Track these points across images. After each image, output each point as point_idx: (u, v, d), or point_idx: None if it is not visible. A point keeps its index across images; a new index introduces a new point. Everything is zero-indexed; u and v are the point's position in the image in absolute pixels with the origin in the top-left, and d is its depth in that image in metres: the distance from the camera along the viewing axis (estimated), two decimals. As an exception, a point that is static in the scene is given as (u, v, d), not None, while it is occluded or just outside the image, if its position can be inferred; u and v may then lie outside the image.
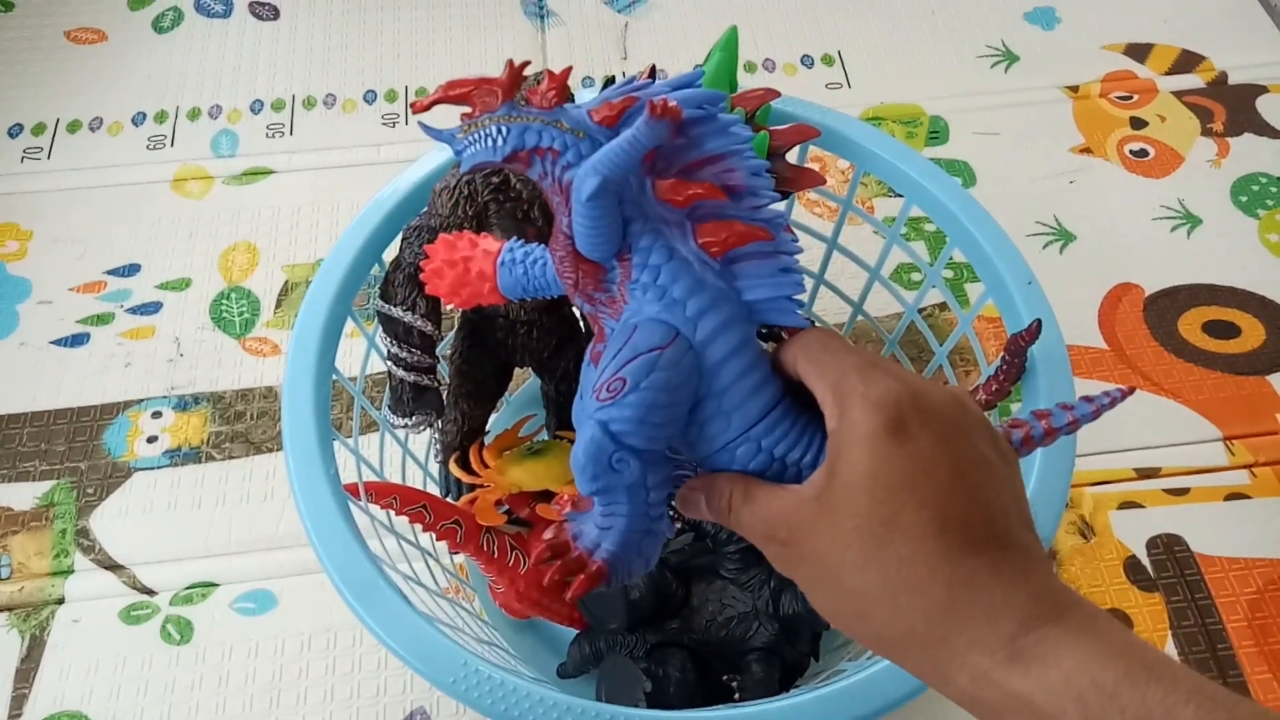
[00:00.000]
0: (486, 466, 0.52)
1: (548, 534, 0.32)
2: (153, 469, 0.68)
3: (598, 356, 0.32)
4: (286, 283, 0.78)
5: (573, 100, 0.31)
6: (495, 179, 0.45)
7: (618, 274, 0.30)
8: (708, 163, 0.29)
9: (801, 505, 0.29)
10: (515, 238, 0.37)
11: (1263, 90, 0.89)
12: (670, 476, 0.33)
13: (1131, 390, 0.37)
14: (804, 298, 0.62)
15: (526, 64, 0.30)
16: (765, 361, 0.31)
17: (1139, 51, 0.92)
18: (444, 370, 0.54)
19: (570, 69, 0.30)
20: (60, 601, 0.63)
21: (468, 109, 0.29)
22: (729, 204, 0.30)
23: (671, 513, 0.38)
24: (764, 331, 0.34)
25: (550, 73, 0.29)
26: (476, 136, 0.29)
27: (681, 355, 0.30)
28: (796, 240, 0.32)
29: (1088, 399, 0.36)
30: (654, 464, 0.31)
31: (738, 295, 0.31)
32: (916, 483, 0.27)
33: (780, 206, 0.54)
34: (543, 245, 0.35)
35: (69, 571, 0.64)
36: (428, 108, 0.29)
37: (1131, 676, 0.24)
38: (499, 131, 0.29)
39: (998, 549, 0.27)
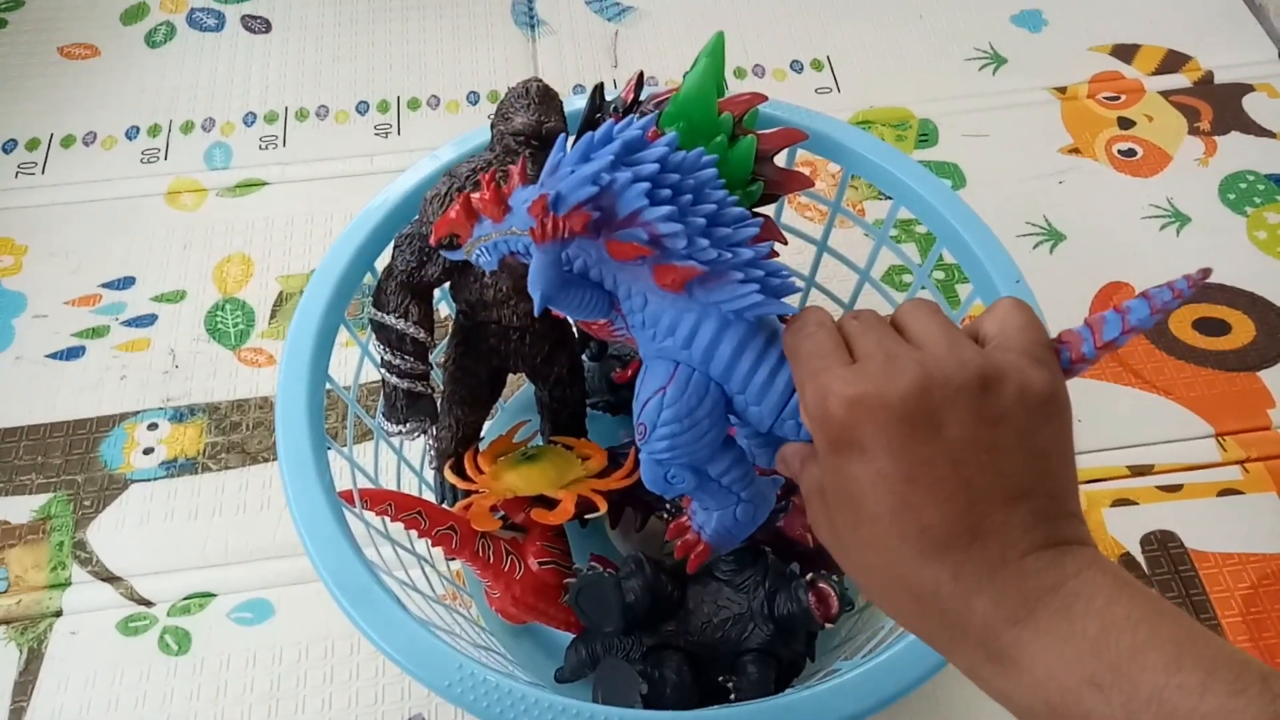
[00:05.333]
0: (481, 472, 0.52)
1: (682, 517, 0.43)
2: (149, 480, 0.69)
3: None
4: (281, 293, 0.78)
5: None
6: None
7: (620, 320, 0.36)
8: (628, 222, 0.32)
9: None
10: None
11: (1249, 89, 0.89)
12: (741, 456, 0.38)
13: (1208, 272, 0.28)
14: (794, 302, 0.63)
15: (477, 211, 0.36)
16: (777, 349, 0.34)
17: (1126, 52, 0.93)
18: (437, 377, 0.55)
19: (508, 172, 0.36)
20: (58, 614, 0.63)
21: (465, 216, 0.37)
22: (662, 253, 0.32)
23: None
24: None
25: (490, 184, 0.35)
26: (479, 252, 0.37)
27: (685, 384, 0.35)
28: (764, 246, 0.34)
29: (1146, 295, 0.28)
30: (713, 461, 0.37)
31: (717, 308, 0.34)
32: (859, 500, 0.27)
33: (770, 210, 0.55)
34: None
35: (66, 584, 0.64)
36: (436, 244, 0.38)
37: (1095, 680, 0.24)
38: (484, 250, 0.36)
39: (961, 549, 0.26)
